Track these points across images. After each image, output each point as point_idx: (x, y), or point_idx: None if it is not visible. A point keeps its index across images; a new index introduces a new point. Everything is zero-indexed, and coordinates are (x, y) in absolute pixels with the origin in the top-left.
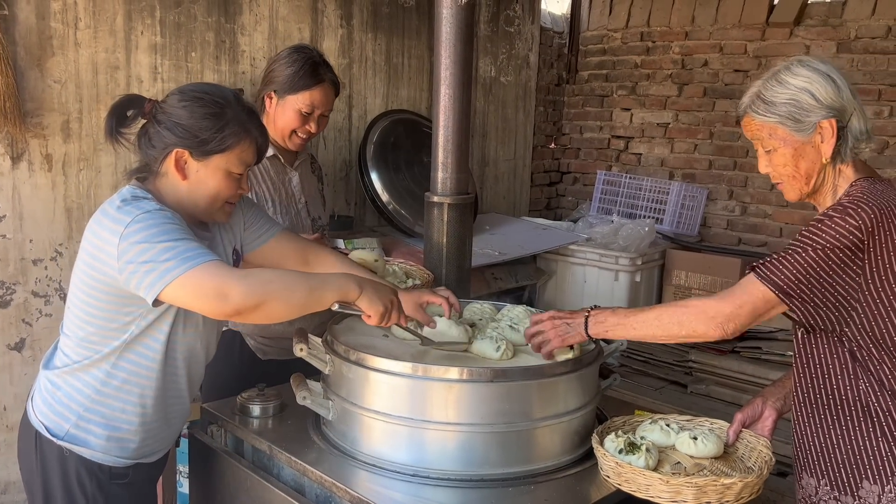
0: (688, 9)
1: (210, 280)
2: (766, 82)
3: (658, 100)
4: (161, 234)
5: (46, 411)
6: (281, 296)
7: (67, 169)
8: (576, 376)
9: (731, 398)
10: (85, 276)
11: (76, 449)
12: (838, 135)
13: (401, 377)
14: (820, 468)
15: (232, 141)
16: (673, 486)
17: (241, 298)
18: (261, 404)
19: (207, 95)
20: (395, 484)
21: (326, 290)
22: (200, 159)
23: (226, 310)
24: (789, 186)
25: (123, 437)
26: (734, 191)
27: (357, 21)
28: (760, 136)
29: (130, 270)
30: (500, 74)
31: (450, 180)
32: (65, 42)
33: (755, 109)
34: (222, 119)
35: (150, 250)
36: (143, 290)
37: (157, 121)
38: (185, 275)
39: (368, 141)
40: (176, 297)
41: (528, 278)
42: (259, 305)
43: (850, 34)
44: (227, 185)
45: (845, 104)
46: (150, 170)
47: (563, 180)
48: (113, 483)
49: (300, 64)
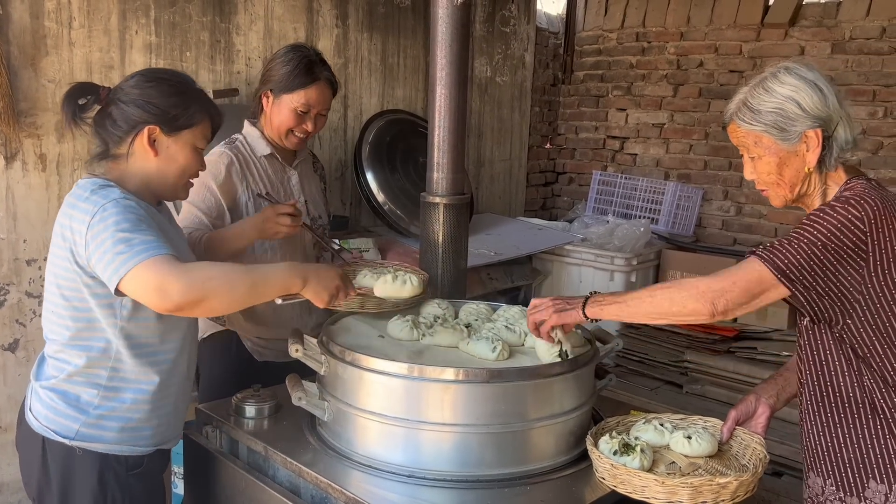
0: (683, 9)
1: (153, 276)
2: (753, 90)
3: (653, 100)
4: (120, 224)
5: (53, 416)
6: (221, 292)
7: (62, 169)
8: (572, 377)
9: (726, 398)
10: (68, 269)
11: (90, 446)
12: (823, 144)
13: (396, 378)
14: (826, 467)
15: (199, 116)
16: (669, 487)
17: (181, 295)
18: (256, 405)
19: (171, 76)
20: (390, 485)
21: (269, 284)
22: (171, 135)
23: (167, 305)
24: (773, 193)
25: (136, 426)
26: (729, 191)
27: (352, 21)
28: (746, 143)
29: (96, 258)
30: (495, 74)
31: (446, 180)
32: (59, 41)
33: (741, 117)
34: (188, 96)
35: (109, 240)
36: (106, 279)
37: (120, 101)
38: (136, 269)
39: (364, 141)
40: (130, 289)
41: (524, 278)
42: (199, 301)
43: (845, 35)
44: (193, 160)
45: (831, 113)
46: (111, 154)
47: (559, 180)
48: (130, 475)
49: (295, 63)
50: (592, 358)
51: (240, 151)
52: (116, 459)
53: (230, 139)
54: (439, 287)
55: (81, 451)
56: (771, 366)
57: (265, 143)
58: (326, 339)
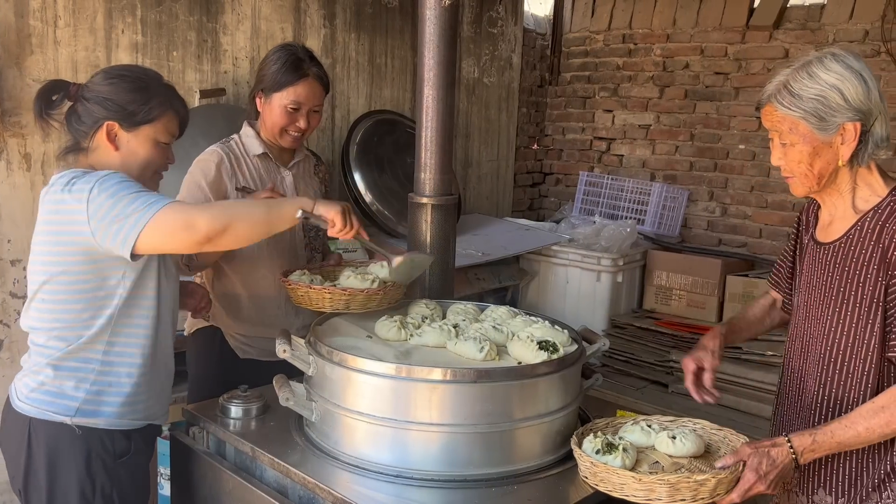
0: (669, 11)
1: (177, 215)
2: (796, 72)
3: (640, 101)
4: (121, 190)
5: (50, 399)
6: (244, 217)
7: (46, 168)
8: (558, 377)
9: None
10: (58, 258)
11: (90, 422)
12: (860, 139)
13: (384, 378)
14: (830, 483)
15: (158, 112)
16: (646, 484)
17: (208, 225)
18: (243, 406)
19: (131, 73)
20: (378, 485)
21: (284, 206)
22: (130, 130)
23: (197, 238)
24: (799, 183)
25: (134, 399)
26: (714, 192)
27: (340, 21)
28: (780, 128)
29: (103, 228)
30: (483, 75)
31: (433, 181)
32: (44, 40)
33: (780, 100)
34: (147, 92)
35: (116, 205)
36: (119, 245)
37: (84, 99)
38: (154, 218)
39: (352, 141)
40: (150, 242)
41: (511, 279)
42: (226, 228)
43: (829, 38)
44: (156, 154)
45: (872, 108)
46: (81, 147)
47: (546, 181)
48: (118, 463)
49: (283, 60)
50: (579, 358)
51: (232, 150)
52: (103, 445)
53: (226, 139)
54: (427, 287)
55: (80, 429)
56: (755, 365)
57: (259, 142)
58: (314, 339)
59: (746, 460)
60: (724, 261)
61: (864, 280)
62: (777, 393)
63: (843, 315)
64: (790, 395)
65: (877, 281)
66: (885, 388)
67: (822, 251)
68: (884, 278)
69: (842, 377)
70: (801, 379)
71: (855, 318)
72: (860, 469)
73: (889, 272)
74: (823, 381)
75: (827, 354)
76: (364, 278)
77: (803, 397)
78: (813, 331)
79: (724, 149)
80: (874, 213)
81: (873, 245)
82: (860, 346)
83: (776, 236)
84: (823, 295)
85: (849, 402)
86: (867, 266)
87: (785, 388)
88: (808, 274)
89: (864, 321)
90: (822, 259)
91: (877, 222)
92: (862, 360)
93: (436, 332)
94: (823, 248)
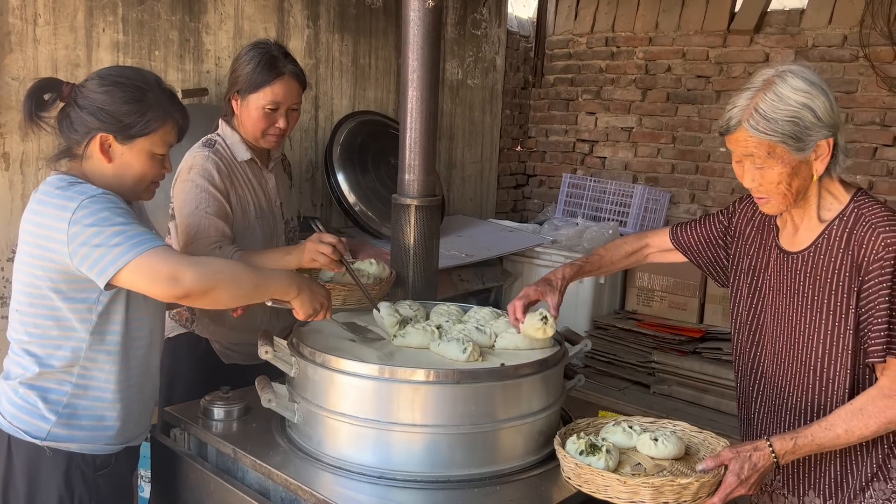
0: (651, 15)
1: (163, 264)
2: (762, 94)
3: (622, 104)
4: (110, 218)
5: (23, 416)
6: (229, 286)
7: (25, 168)
8: (541, 377)
9: (692, 398)
10: (35, 271)
11: (62, 446)
12: (832, 152)
13: (367, 379)
14: (819, 485)
15: (156, 124)
16: (630, 487)
17: (193, 283)
18: (225, 407)
19: (128, 80)
20: (361, 486)
21: (269, 286)
22: (125, 143)
23: (176, 292)
24: (775, 202)
25: (107, 424)
26: (696, 194)
27: (324, 21)
28: (756, 152)
29: (83, 254)
30: (466, 77)
31: (417, 182)
32: (23, 38)
33: (753, 125)
34: (144, 103)
35: (100, 234)
36: (96, 274)
37: (78, 105)
38: (138, 259)
39: (335, 142)
40: (128, 281)
41: (495, 280)
42: (208, 291)
43: (808, 42)
44: (151, 166)
45: (837, 120)
46: (73, 153)
47: (529, 183)
48: (98, 476)
49: (257, 60)
50: (561, 359)
51: (222, 156)
52: (83, 459)
53: (209, 140)
54: (410, 288)
55: (51, 451)
56: None
57: (245, 147)
58: (296, 340)
59: (728, 464)
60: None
61: (836, 287)
62: (741, 395)
63: (817, 322)
64: (766, 400)
65: (849, 287)
66: (860, 389)
67: (790, 260)
68: (855, 284)
69: (821, 382)
70: (776, 384)
71: (830, 325)
72: (845, 471)
73: (860, 277)
74: (801, 386)
75: (804, 360)
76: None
77: (781, 402)
78: (785, 337)
79: (706, 151)
80: (840, 221)
81: (842, 252)
82: (837, 352)
83: None
84: (797, 303)
85: (828, 406)
86: (838, 273)
87: (759, 394)
88: (775, 282)
89: (839, 328)
90: (792, 268)
91: (844, 230)
92: (840, 364)
93: (419, 333)
94: (792, 258)
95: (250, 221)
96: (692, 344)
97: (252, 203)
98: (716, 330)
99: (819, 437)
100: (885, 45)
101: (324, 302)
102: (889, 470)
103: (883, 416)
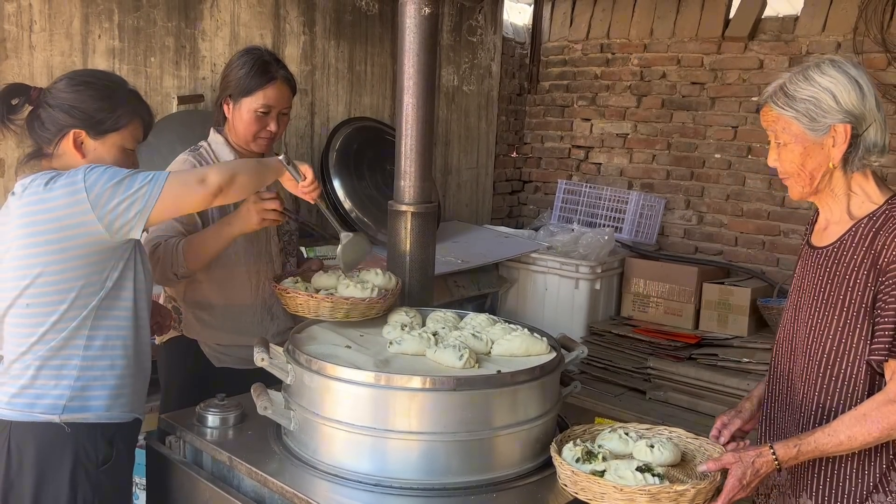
0: (646, 21)
1: (187, 175)
2: (794, 76)
3: (617, 111)
4: (118, 172)
5: (32, 401)
6: (243, 169)
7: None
8: (538, 384)
9: (688, 404)
10: (39, 259)
11: (79, 417)
12: (851, 142)
13: (363, 386)
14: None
15: (125, 120)
16: (627, 494)
17: (218, 178)
18: (220, 414)
19: (97, 80)
20: (357, 494)
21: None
22: (97, 138)
23: (211, 190)
24: (794, 183)
25: (120, 392)
26: (691, 200)
27: (319, 28)
28: (775, 128)
29: (112, 209)
30: (462, 83)
31: (413, 189)
32: (19, 45)
33: (775, 101)
34: (114, 100)
35: (119, 186)
36: (134, 218)
37: (49, 105)
38: (166, 184)
39: (331, 148)
40: (166, 207)
41: (491, 286)
42: (233, 178)
43: (802, 49)
44: (122, 161)
45: (866, 113)
46: (44, 153)
47: (525, 189)
48: (101, 472)
49: (250, 64)
50: (558, 365)
51: (203, 158)
52: (86, 453)
53: (194, 146)
54: (406, 295)
55: (70, 426)
56: (731, 372)
57: (229, 149)
58: (292, 347)
59: (730, 468)
60: (700, 268)
61: (854, 285)
62: (766, 395)
63: (830, 319)
64: (780, 397)
65: (866, 286)
66: (873, 393)
67: (815, 255)
68: (872, 284)
69: (829, 381)
70: (789, 381)
71: (842, 323)
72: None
73: (878, 278)
74: (811, 384)
75: (814, 358)
76: (364, 287)
77: (793, 400)
78: (800, 334)
79: (701, 158)
80: (869, 220)
81: (865, 250)
82: (847, 351)
83: (752, 244)
84: (813, 298)
85: (837, 407)
86: (857, 271)
87: (774, 390)
88: (799, 277)
89: (851, 326)
90: (815, 262)
91: (871, 228)
92: (850, 364)
93: (415, 339)
94: (817, 252)
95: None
96: (688, 350)
97: (233, 205)
98: (711, 336)
99: (822, 442)
100: (878, 53)
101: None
102: (888, 482)
103: (886, 422)
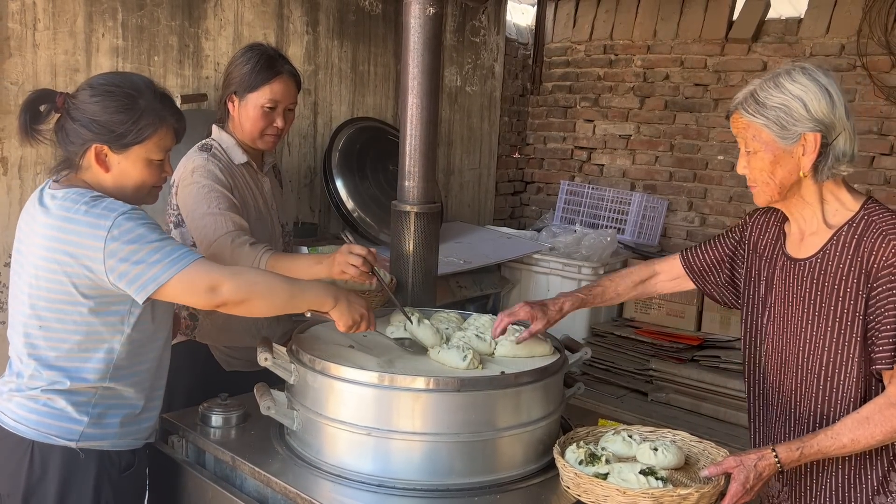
0: (650, 23)
1: (202, 277)
2: (764, 83)
3: (620, 112)
4: (146, 235)
5: (52, 422)
6: (265, 296)
7: (24, 173)
8: (541, 385)
9: (690, 406)
10: (62, 286)
11: (94, 444)
12: (821, 151)
13: (366, 387)
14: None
15: (149, 131)
16: (630, 497)
17: (231, 293)
18: (223, 414)
19: (118, 88)
20: (360, 494)
21: (305, 297)
22: (120, 152)
23: (215, 301)
24: (761, 191)
25: (137, 419)
26: (693, 202)
27: (323, 28)
28: (745, 135)
29: (121, 271)
30: (465, 84)
31: (416, 189)
32: (23, 43)
33: (746, 108)
34: (136, 111)
35: (139, 251)
36: (136, 290)
37: (70, 116)
38: (178, 275)
39: (334, 148)
40: (168, 294)
41: (493, 287)
42: (244, 301)
43: (806, 51)
44: (150, 173)
45: (836, 122)
46: (73, 164)
47: (527, 190)
48: (123, 477)
49: (255, 60)
50: (561, 367)
51: (220, 159)
52: (110, 460)
53: (204, 146)
54: (409, 295)
55: (84, 452)
56: (734, 374)
57: (240, 151)
58: (296, 347)
59: (733, 473)
60: None
61: (844, 294)
62: (751, 404)
63: (824, 329)
64: (772, 409)
65: (857, 294)
66: (869, 398)
67: (797, 267)
68: (863, 291)
69: (830, 392)
70: (780, 394)
71: (836, 332)
72: (849, 485)
73: (868, 284)
74: (811, 397)
75: (812, 371)
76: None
77: (790, 413)
78: (792, 346)
79: (704, 159)
80: (849, 227)
81: (851, 258)
82: (843, 360)
83: None
84: (802, 310)
85: (833, 415)
86: (846, 280)
87: (766, 402)
88: (781, 289)
89: (847, 335)
90: (798, 275)
91: (853, 236)
92: (846, 373)
93: (429, 329)
94: (798, 264)
95: (250, 224)
96: (690, 352)
97: (251, 205)
98: (713, 338)
99: (825, 445)
100: (882, 55)
101: (363, 312)
102: (889, 483)
103: (889, 425)
